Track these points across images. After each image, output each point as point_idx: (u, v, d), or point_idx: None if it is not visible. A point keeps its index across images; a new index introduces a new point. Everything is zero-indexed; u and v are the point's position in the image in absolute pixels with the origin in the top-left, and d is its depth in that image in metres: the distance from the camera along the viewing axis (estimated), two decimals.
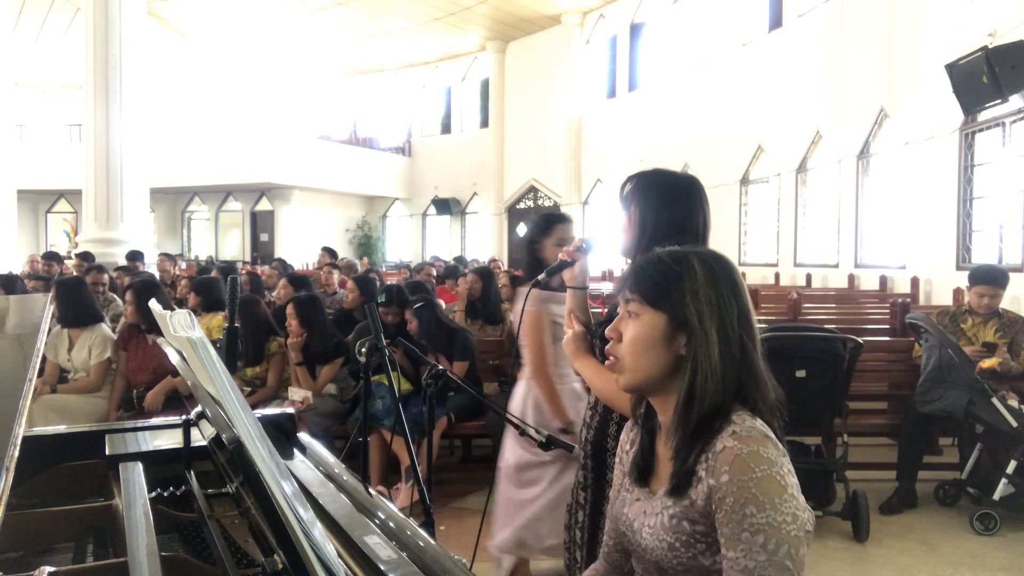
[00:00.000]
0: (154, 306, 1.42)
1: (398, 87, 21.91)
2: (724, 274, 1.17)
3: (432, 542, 1.24)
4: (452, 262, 10.76)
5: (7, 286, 5.56)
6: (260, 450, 0.95)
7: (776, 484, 1.02)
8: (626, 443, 1.34)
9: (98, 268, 6.43)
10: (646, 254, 1.24)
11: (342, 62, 21.09)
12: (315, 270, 9.99)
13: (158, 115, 16.03)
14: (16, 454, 1.08)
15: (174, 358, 1.44)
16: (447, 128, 21.33)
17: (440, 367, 2.34)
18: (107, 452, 1.71)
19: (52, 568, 1.12)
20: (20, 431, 1.15)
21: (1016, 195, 7.08)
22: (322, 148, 19.59)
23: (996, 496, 3.72)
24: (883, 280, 8.89)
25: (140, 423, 1.97)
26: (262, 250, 20.17)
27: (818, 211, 10.99)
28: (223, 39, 18.98)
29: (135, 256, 8.35)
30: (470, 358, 4.40)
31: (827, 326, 4.11)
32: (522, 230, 19.57)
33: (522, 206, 19.57)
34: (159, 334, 2.13)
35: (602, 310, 3.14)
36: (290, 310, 4.31)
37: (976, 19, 7.23)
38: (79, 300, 4.47)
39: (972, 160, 7.78)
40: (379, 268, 14.38)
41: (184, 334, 1.09)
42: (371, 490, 1.50)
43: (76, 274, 6.45)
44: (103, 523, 1.49)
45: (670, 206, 1.73)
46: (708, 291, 1.14)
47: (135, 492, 1.42)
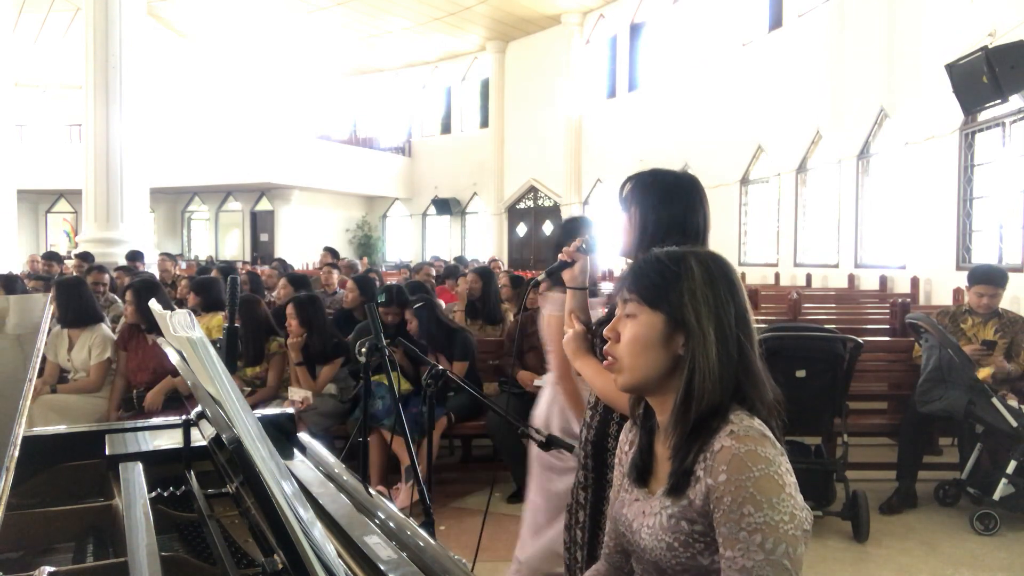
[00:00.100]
0: (154, 306, 1.42)
1: (398, 87, 21.91)
2: (722, 274, 1.17)
3: (432, 542, 1.24)
4: (452, 262, 10.76)
5: (8, 286, 5.56)
6: (260, 450, 0.95)
7: (774, 483, 1.02)
8: (625, 444, 1.34)
9: (99, 268, 6.42)
10: (644, 255, 1.24)
11: (342, 62, 21.10)
12: (316, 270, 9.99)
13: (158, 115, 16.03)
14: (16, 454, 1.08)
15: (174, 358, 1.44)
16: (447, 128, 21.34)
17: (440, 367, 2.34)
18: (107, 452, 1.71)
19: (52, 568, 1.12)
20: (20, 431, 1.15)
21: (1016, 195, 7.08)
22: (322, 148, 19.59)
23: (996, 496, 3.72)
24: (883, 280, 8.89)
25: (140, 423, 1.97)
26: (262, 250, 20.17)
27: (818, 211, 10.99)
28: (223, 39, 18.99)
29: (135, 256, 8.35)
30: (470, 358, 4.40)
31: (827, 326, 4.11)
32: (522, 230, 19.59)
33: (522, 206, 19.58)
34: (159, 334, 2.13)
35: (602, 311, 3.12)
36: (290, 310, 4.31)
37: (976, 19, 7.23)
38: (79, 300, 4.47)
39: (972, 160, 7.78)
40: (379, 268, 14.38)
41: (184, 334, 1.09)
42: (371, 490, 1.50)
43: (76, 274, 6.45)
44: (103, 523, 1.49)
45: (670, 205, 1.73)
46: (706, 291, 1.14)
47: (135, 492, 1.42)
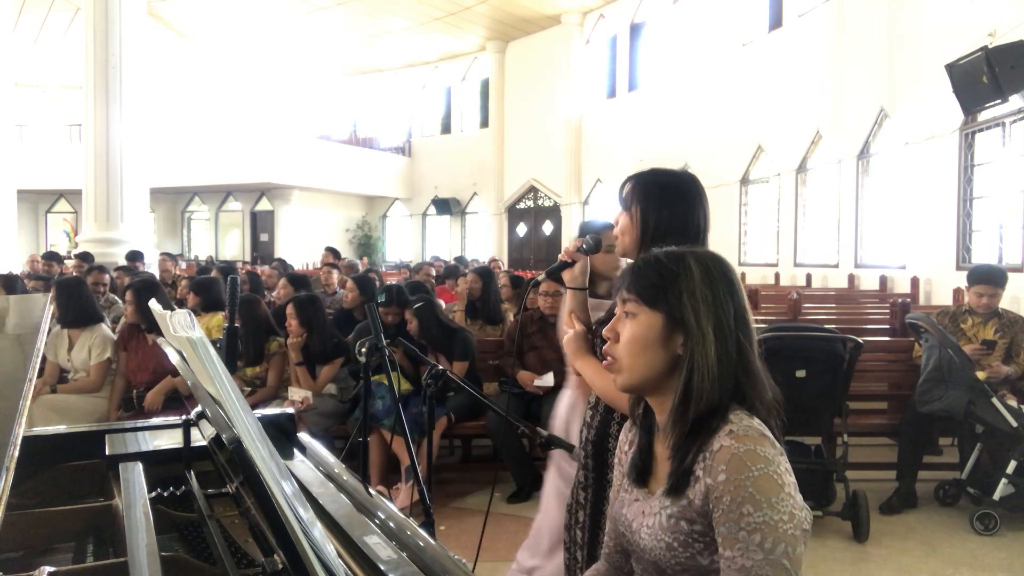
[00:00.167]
0: (154, 306, 1.42)
1: (398, 87, 21.91)
2: (720, 274, 1.17)
3: (432, 542, 1.24)
4: (452, 262, 10.76)
5: (8, 286, 5.56)
6: (260, 450, 0.95)
7: (773, 483, 1.02)
8: (625, 443, 1.34)
9: (99, 268, 6.42)
10: (643, 255, 1.24)
11: (342, 62, 21.10)
12: (316, 270, 10.00)
13: (158, 115, 16.03)
14: (16, 454, 1.08)
15: (174, 358, 1.44)
16: (447, 128, 21.34)
17: (440, 367, 2.34)
18: (107, 452, 1.71)
19: (52, 568, 1.12)
20: (20, 431, 1.15)
21: (1016, 195, 7.08)
22: (322, 148, 19.59)
23: (996, 496, 3.72)
24: (883, 280, 8.89)
25: (140, 423, 1.97)
26: (262, 250, 20.17)
27: (818, 211, 10.99)
28: (223, 39, 18.99)
29: (135, 256, 8.35)
30: (470, 358, 4.40)
31: (827, 326, 4.10)
32: (522, 230, 19.59)
33: (522, 206, 19.58)
34: (159, 334, 2.13)
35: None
36: (290, 310, 4.31)
37: (976, 19, 7.23)
38: (79, 300, 4.47)
39: (972, 160, 7.78)
40: (379, 268, 14.38)
41: (184, 334, 1.09)
42: (371, 490, 1.50)
43: (76, 274, 6.45)
44: (103, 523, 1.49)
45: (671, 204, 1.74)
46: (704, 291, 1.14)
47: (135, 492, 1.42)
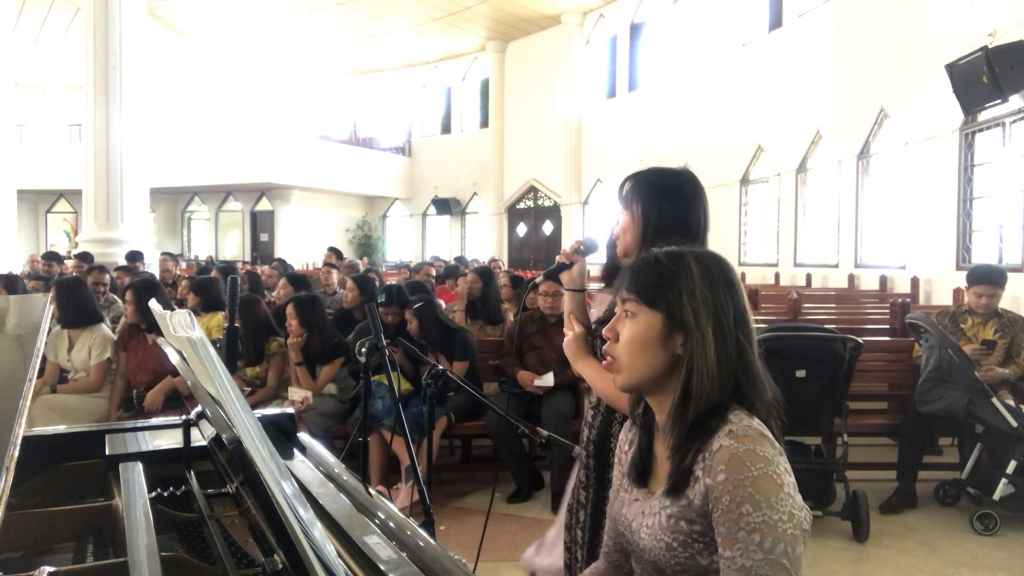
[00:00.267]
0: (154, 306, 1.42)
1: (398, 87, 21.91)
2: (720, 274, 1.17)
3: (432, 542, 1.24)
4: (452, 262, 10.76)
5: (9, 286, 5.56)
6: (260, 450, 0.95)
7: (772, 483, 1.02)
8: (625, 443, 1.34)
9: (99, 268, 6.42)
10: (643, 255, 1.24)
11: (342, 62, 21.10)
12: (317, 270, 10.00)
13: (158, 115, 16.03)
14: (16, 454, 1.08)
15: (174, 358, 1.44)
16: (447, 128, 21.34)
17: (440, 367, 2.34)
18: (107, 452, 1.71)
19: (52, 568, 1.12)
20: (20, 431, 1.15)
21: (1016, 195, 7.08)
22: (322, 148, 19.59)
23: (996, 496, 3.72)
24: (883, 280, 8.89)
25: (140, 423, 1.97)
26: (262, 250, 20.18)
27: (818, 211, 10.99)
28: (223, 39, 18.99)
29: (135, 256, 8.35)
30: (470, 358, 4.40)
31: (827, 326, 4.10)
32: (522, 230, 19.59)
33: (522, 206, 19.59)
34: (159, 334, 2.13)
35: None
36: (290, 310, 4.31)
37: (976, 19, 7.23)
38: (79, 300, 4.47)
39: (972, 160, 7.78)
40: (379, 268, 14.38)
41: (184, 334, 1.09)
42: (371, 490, 1.50)
43: (76, 274, 6.45)
44: (103, 523, 1.49)
45: (671, 203, 1.74)
46: (704, 290, 1.14)
47: (135, 492, 1.42)
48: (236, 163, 17.78)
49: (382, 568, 1.11)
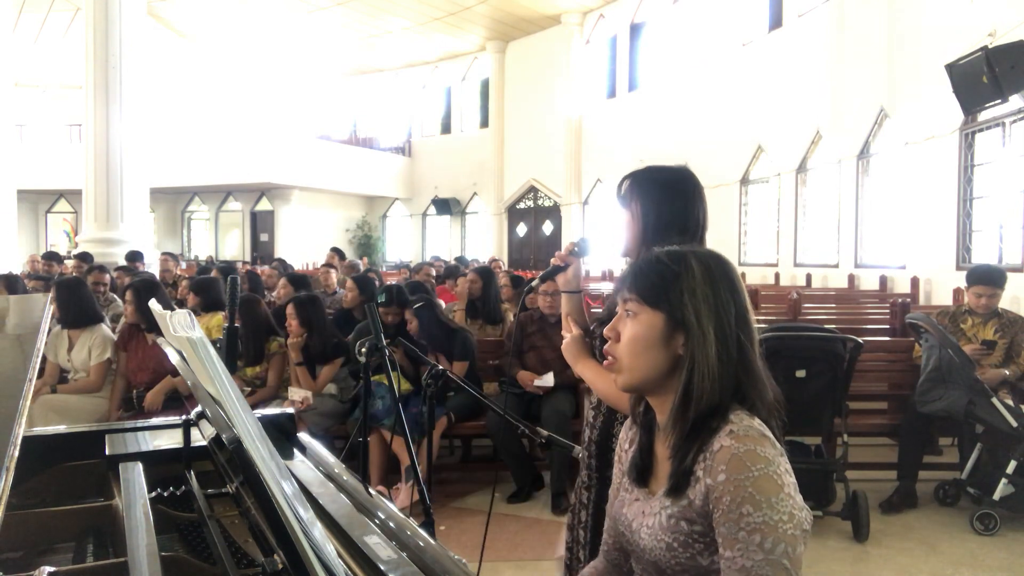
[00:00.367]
0: (154, 306, 1.42)
1: (398, 87, 21.91)
2: (722, 273, 1.17)
3: (432, 542, 1.24)
4: (452, 262, 10.76)
5: (10, 287, 5.56)
6: (260, 450, 0.95)
7: (773, 483, 1.02)
8: (625, 441, 1.34)
9: (99, 268, 6.42)
10: (644, 254, 1.24)
11: (342, 62, 21.10)
12: (317, 269, 9.99)
13: (158, 115, 16.03)
14: (16, 454, 1.08)
15: (174, 358, 1.44)
16: (447, 128, 21.34)
17: (440, 367, 2.34)
18: (107, 452, 1.71)
19: (52, 568, 1.12)
20: (20, 431, 1.15)
21: (1016, 195, 7.08)
22: (322, 148, 19.60)
23: (996, 496, 3.72)
24: (883, 280, 8.89)
25: (140, 423, 1.97)
26: (262, 250, 20.18)
27: (818, 211, 10.99)
28: (223, 39, 18.99)
29: (135, 256, 8.35)
30: (470, 358, 4.40)
31: (827, 326, 4.10)
32: (522, 230, 19.59)
33: (522, 206, 19.59)
34: (159, 333, 2.13)
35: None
36: (290, 310, 4.31)
37: (976, 19, 7.23)
38: (79, 300, 4.47)
39: (972, 160, 7.78)
40: (379, 268, 14.38)
41: (184, 334, 1.09)
42: (371, 490, 1.50)
43: (75, 274, 6.45)
44: (103, 523, 1.49)
45: (670, 201, 1.74)
46: (706, 290, 1.14)
47: (135, 492, 1.42)
48: (236, 163, 17.78)
49: (382, 568, 1.11)
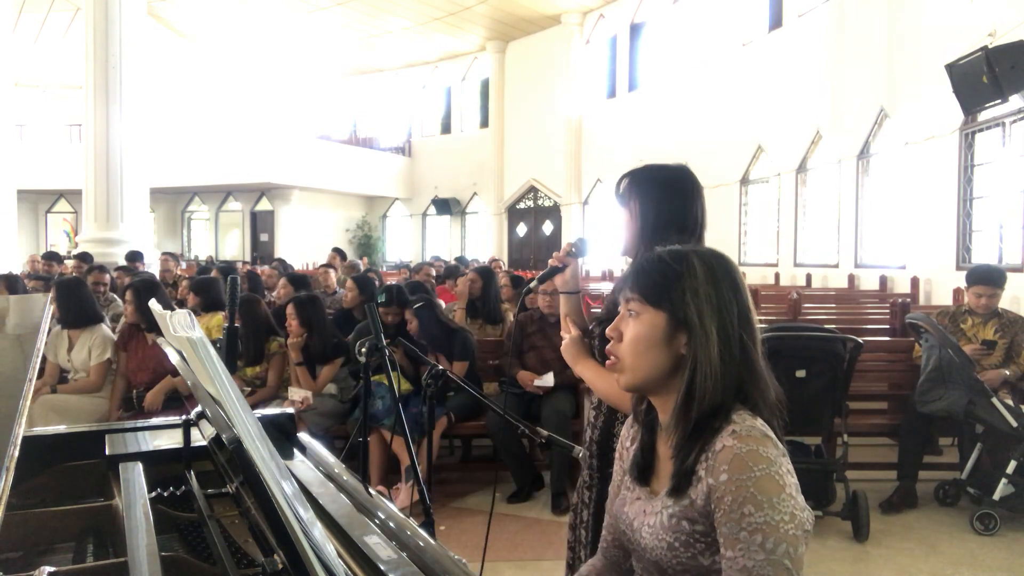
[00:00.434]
0: (154, 306, 1.42)
1: (398, 87, 21.91)
2: (724, 273, 1.17)
3: (432, 542, 1.24)
4: (452, 262, 10.76)
5: (10, 287, 5.56)
6: (260, 450, 0.95)
7: (774, 483, 1.02)
8: (626, 439, 1.33)
9: (99, 268, 6.42)
10: (646, 253, 1.24)
11: (342, 62, 21.10)
12: (318, 269, 9.98)
13: (158, 115, 16.03)
14: (16, 454, 1.08)
15: (174, 358, 1.44)
16: (447, 128, 21.33)
17: (440, 367, 2.34)
18: (107, 452, 1.71)
19: (52, 568, 1.12)
20: (20, 431, 1.15)
21: (1016, 195, 7.08)
22: (322, 148, 19.59)
23: (996, 496, 3.72)
24: (883, 280, 8.89)
25: (140, 423, 1.96)
26: (262, 250, 20.18)
27: (818, 211, 10.99)
28: (223, 39, 18.99)
29: (135, 256, 8.35)
30: (470, 358, 4.40)
31: (827, 326, 4.10)
32: (522, 230, 19.58)
33: (522, 206, 19.59)
34: (159, 333, 2.13)
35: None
36: (290, 310, 4.31)
37: (976, 19, 7.23)
38: (79, 301, 4.47)
39: (972, 160, 7.78)
40: (379, 268, 14.38)
41: (184, 334, 1.09)
42: (371, 490, 1.49)
43: (75, 274, 6.45)
44: (103, 523, 1.48)
45: (669, 198, 1.74)
46: (708, 290, 1.14)
47: (135, 492, 1.41)
48: (236, 163, 17.78)
49: (382, 568, 1.11)
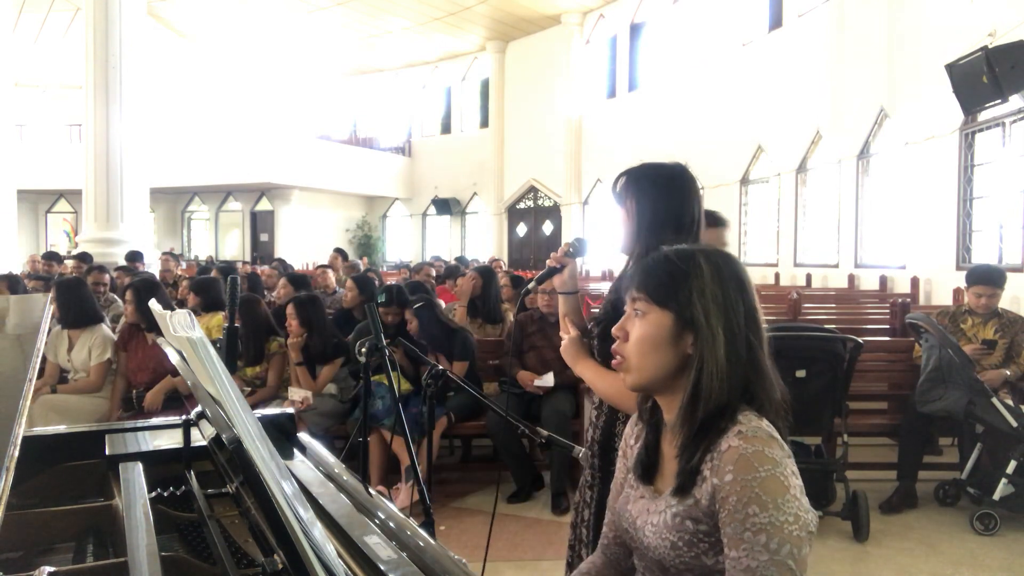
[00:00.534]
0: (154, 306, 1.42)
1: (398, 87, 21.91)
2: (731, 273, 1.17)
3: (432, 542, 1.24)
4: (453, 262, 10.76)
5: (11, 287, 5.56)
6: (260, 450, 0.95)
7: (779, 484, 1.02)
8: (631, 437, 1.33)
9: (99, 268, 6.42)
10: (643, 251, 1.24)
11: (342, 62, 21.10)
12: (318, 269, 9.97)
13: (158, 115, 16.03)
14: (16, 454, 1.07)
15: (174, 358, 1.44)
16: (447, 128, 21.34)
17: (440, 367, 2.34)
18: (107, 452, 1.71)
19: (52, 568, 1.12)
20: (20, 431, 1.15)
21: (1016, 195, 7.08)
22: (322, 148, 19.59)
23: (996, 496, 3.72)
24: (883, 280, 8.89)
25: (140, 423, 1.96)
26: (262, 250, 20.18)
27: (818, 211, 10.99)
28: (223, 39, 18.99)
29: (135, 256, 8.35)
30: (470, 358, 4.40)
31: (827, 326, 4.10)
32: (522, 230, 19.58)
33: (522, 206, 19.59)
34: (159, 333, 2.13)
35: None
36: (290, 310, 4.31)
37: (976, 19, 7.23)
38: (79, 301, 4.47)
39: (972, 160, 7.78)
40: (379, 268, 14.37)
41: (184, 334, 1.09)
42: (371, 490, 1.49)
43: (75, 275, 6.44)
44: (103, 523, 1.48)
45: (666, 196, 1.75)
46: (715, 290, 1.14)
47: (135, 492, 1.41)
48: (236, 163, 17.78)
49: (382, 568, 1.11)
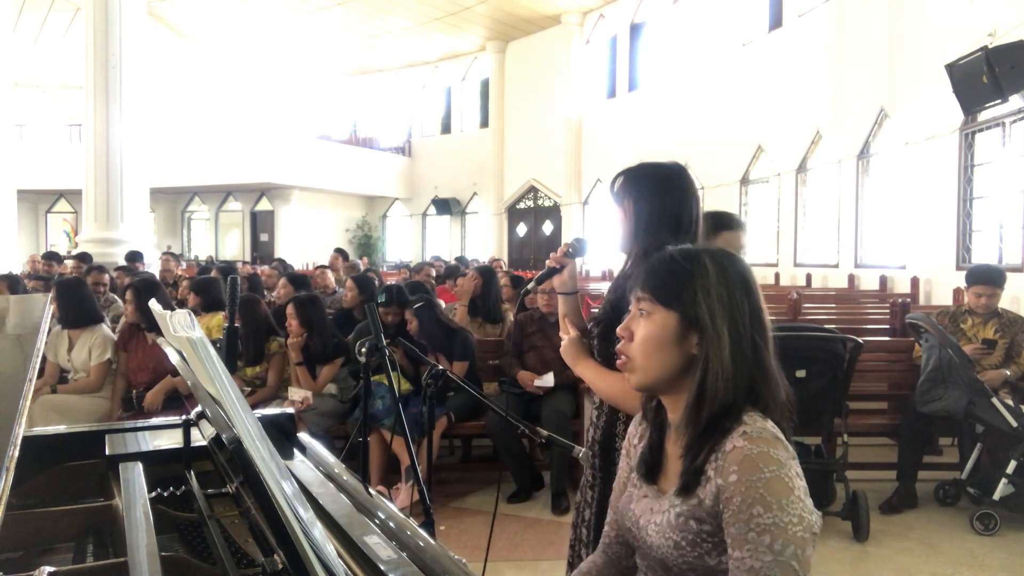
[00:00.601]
0: (154, 306, 1.42)
1: (398, 87, 21.91)
2: (736, 273, 1.17)
3: (432, 542, 1.24)
4: (453, 262, 10.76)
5: (12, 287, 5.56)
6: (260, 450, 0.95)
7: (784, 485, 1.02)
8: (634, 436, 1.33)
9: (99, 268, 6.42)
10: (657, 252, 1.23)
11: (342, 62, 21.10)
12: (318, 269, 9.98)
13: (158, 115, 16.03)
14: (16, 454, 1.07)
15: (174, 358, 1.44)
16: (447, 128, 21.34)
17: (440, 367, 2.34)
18: (107, 452, 1.71)
19: (52, 568, 1.12)
20: (20, 431, 1.15)
21: (1016, 195, 7.08)
22: (322, 148, 19.60)
23: (996, 496, 3.72)
24: (883, 280, 8.89)
25: (140, 423, 1.96)
26: (262, 250, 20.18)
27: (818, 211, 11.00)
28: (223, 39, 18.99)
29: (135, 256, 8.34)
30: (470, 358, 4.40)
31: (827, 326, 4.10)
32: (522, 230, 19.57)
33: (522, 206, 19.59)
34: (159, 333, 2.13)
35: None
36: (290, 310, 4.31)
37: (976, 19, 7.23)
38: (79, 301, 4.47)
39: (972, 160, 7.78)
40: (379, 268, 14.38)
41: (184, 334, 1.09)
42: (371, 490, 1.49)
43: (75, 275, 6.44)
44: (103, 523, 1.48)
45: (664, 195, 1.75)
46: (720, 290, 1.14)
47: (135, 492, 1.41)
48: (236, 163, 17.78)
49: (382, 568, 1.11)
